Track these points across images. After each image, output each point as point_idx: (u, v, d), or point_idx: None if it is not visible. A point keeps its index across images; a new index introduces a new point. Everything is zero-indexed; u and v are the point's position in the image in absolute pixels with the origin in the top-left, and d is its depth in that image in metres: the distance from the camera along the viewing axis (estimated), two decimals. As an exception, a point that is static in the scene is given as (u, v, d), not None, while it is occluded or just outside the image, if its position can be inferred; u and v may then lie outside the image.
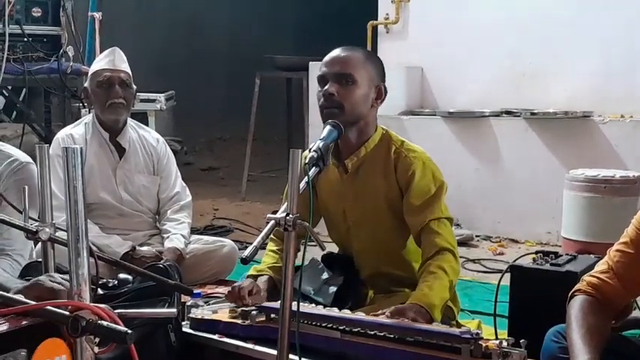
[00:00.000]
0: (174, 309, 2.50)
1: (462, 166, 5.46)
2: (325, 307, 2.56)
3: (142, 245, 3.76)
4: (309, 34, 10.16)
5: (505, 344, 2.15)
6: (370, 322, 2.35)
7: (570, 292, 2.15)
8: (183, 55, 9.50)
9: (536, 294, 2.56)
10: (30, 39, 5.32)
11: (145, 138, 3.92)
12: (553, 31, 5.60)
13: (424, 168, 2.72)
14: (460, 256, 2.83)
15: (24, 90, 5.77)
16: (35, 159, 2.36)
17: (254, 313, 2.52)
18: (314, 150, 2.33)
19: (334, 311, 2.46)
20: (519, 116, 5.43)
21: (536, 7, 5.66)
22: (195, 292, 2.91)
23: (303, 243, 2.10)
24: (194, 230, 4.35)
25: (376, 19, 6.35)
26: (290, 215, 1.98)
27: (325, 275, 2.84)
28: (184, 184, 4.03)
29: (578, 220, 4.46)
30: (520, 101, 5.63)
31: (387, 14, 6.30)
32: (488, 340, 2.22)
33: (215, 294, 3.59)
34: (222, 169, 8.71)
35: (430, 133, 5.54)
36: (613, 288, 2.10)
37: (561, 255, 2.76)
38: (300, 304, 2.08)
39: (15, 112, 6.73)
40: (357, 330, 2.34)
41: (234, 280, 3.72)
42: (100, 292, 2.57)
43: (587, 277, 2.15)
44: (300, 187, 2.08)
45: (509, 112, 5.55)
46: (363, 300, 2.81)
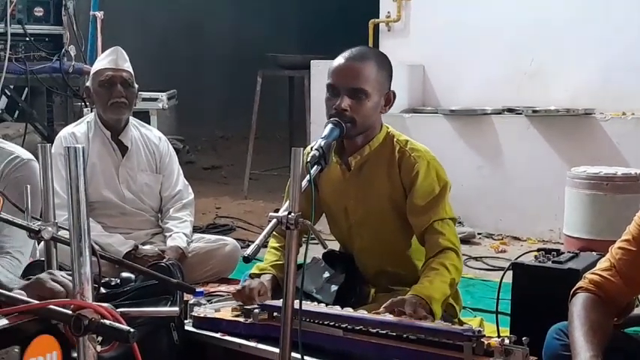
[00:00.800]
0: (176, 307, 2.51)
1: (464, 164, 5.45)
2: (327, 305, 2.56)
3: (144, 244, 3.77)
4: (311, 32, 10.15)
5: (507, 342, 2.15)
6: (372, 320, 2.35)
7: (572, 290, 2.15)
8: (185, 54, 9.50)
9: (539, 291, 2.56)
10: (32, 38, 5.32)
11: (148, 136, 3.92)
12: (555, 29, 5.59)
13: (428, 168, 2.71)
14: (462, 254, 2.82)
15: (26, 89, 5.79)
16: (38, 158, 2.36)
17: (256, 311, 2.52)
18: (316, 148, 2.33)
19: (336, 309, 2.46)
20: (521, 114, 5.42)
21: (538, 4, 5.64)
22: (198, 290, 2.91)
23: (305, 241, 2.10)
24: (196, 229, 4.36)
25: (378, 17, 6.35)
26: (292, 214, 1.99)
27: (327, 274, 2.84)
28: (187, 182, 4.03)
29: (580, 218, 4.46)
30: (522, 99, 5.62)
31: (388, 12, 6.29)
32: (490, 338, 2.22)
33: (217, 292, 3.59)
34: (225, 167, 8.70)
35: (432, 131, 5.53)
36: (615, 285, 2.11)
37: (563, 252, 2.76)
38: (303, 302, 2.08)
39: (17, 112, 6.73)
40: (359, 328, 2.34)
41: (236, 279, 3.73)
42: (103, 291, 2.57)
43: (589, 275, 2.15)
44: (302, 185, 2.08)
45: (510, 110, 5.54)
46: (365, 298, 2.80)
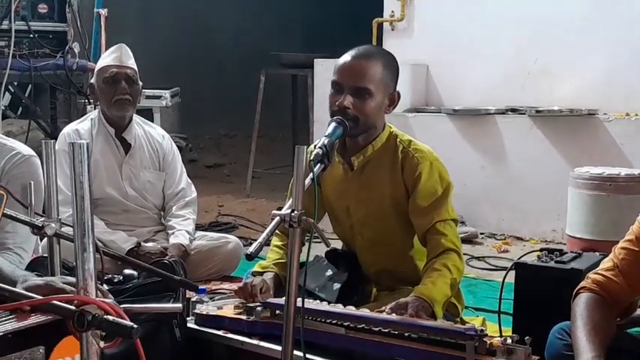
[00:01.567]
0: (179, 304, 2.51)
1: (467, 164, 5.45)
2: (329, 303, 2.56)
3: (146, 241, 3.77)
4: (314, 31, 10.15)
5: (509, 341, 2.15)
6: (375, 318, 2.36)
7: (575, 290, 2.15)
8: (188, 52, 9.50)
9: (541, 291, 2.56)
10: (36, 35, 5.32)
11: (151, 134, 3.92)
12: (558, 29, 5.58)
13: (431, 168, 2.71)
14: (464, 254, 2.82)
15: (30, 86, 5.78)
16: (41, 155, 2.36)
17: (259, 309, 2.52)
18: (319, 147, 2.33)
19: (339, 308, 2.46)
20: (524, 114, 5.42)
21: (542, 4, 5.64)
22: (200, 288, 2.91)
23: (307, 239, 2.10)
24: (199, 227, 4.36)
25: (381, 16, 6.34)
26: (295, 212, 1.98)
27: (329, 272, 2.84)
28: (189, 180, 4.04)
29: (582, 218, 4.45)
30: (525, 99, 5.61)
31: (392, 12, 6.28)
32: (492, 337, 2.22)
33: (220, 290, 3.60)
34: (227, 165, 8.70)
35: (435, 130, 5.53)
36: (618, 285, 2.11)
37: (566, 252, 2.76)
38: (305, 300, 2.08)
39: (21, 108, 6.73)
40: (361, 326, 2.35)
41: (238, 277, 3.73)
42: (106, 287, 2.57)
43: (592, 275, 2.15)
44: (305, 183, 2.08)
45: (514, 110, 5.54)
46: (367, 297, 2.80)
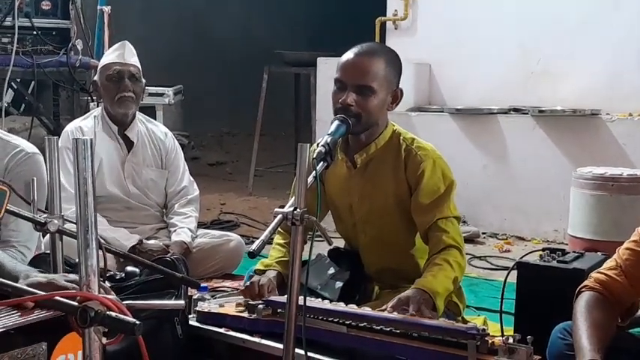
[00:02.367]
0: (182, 301, 2.51)
1: (469, 163, 5.45)
2: (331, 302, 2.56)
3: (149, 239, 3.77)
4: (317, 29, 10.15)
5: (511, 340, 2.15)
6: (376, 316, 2.36)
7: (578, 289, 2.15)
8: (191, 50, 9.50)
9: (543, 291, 2.56)
10: (39, 32, 5.32)
11: (154, 132, 3.93)
12: (561, 29, 5.58)
13: (434, 166, 2.71)
14: (466, 253, 2.82)
15: (33, 83, 5.78)
16: (44, 151, 2.36)
17: (261, 307, 2.52)
18: (322, 145, 2.34)
19: (341, 306, 2.46)
20: (527, 114, 5.42)
21: (545, 4, 5.63)
22: (202, 285, 2.92)
23: (309, 238, 2.10)
24: (201, 224, 4.36)
25: (385, 15, 6.34)
26: (297, 209, 1.98)
27: (332, 270, 2.84)
28: (192, 178, 4.04)
29: (585, 218, 4.45)
30: (528, 99, 5.61)
31: (395, 10, 6.28)
32: (494, 337, 2.22)
33: (222, 288, 3.60)
34: (230, 163, 8.71)
35: (438, 129, 5.53)
36: (620, 285, 2.11)
37: (568, 252, 2.76)
38: (307, 298, 2.08)
39: (23, 105, 6.74)
40: (363, 325, 2.35)
41: (240, 275, 3.73)
42: (108, 284, 2.58)
43: (594, 274, 2.16)
44: (308, 181, 2.08)
45: (517, 110, 5.53)
46: (369, 295, 2.81)
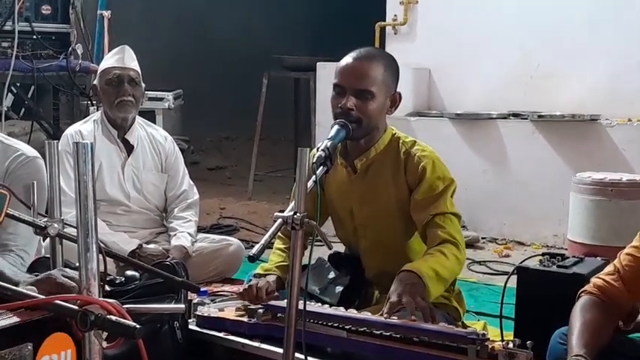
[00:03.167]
0: (181, 305, 2.51)
1: (469, 168, 5.45)
2: (331, 306, 2.56)
3: (148, 243, 3.77)
4: (317, 34, 10.15)
5: (511, 345, 2.15)
6: (376, 321, 2.35)
7: (577, 294, 2.16)
8: (191, 55, 9.51)
9: (543, 296, 2.56)
10: (39, 36, 5.32)
11: (153, 136, 3.93)
12: (561, 34, 5.59)
13: (434, 166, 2.71)
14: (466, 258, 2.81)
15: (32, 87, 5.78)
16: (44, 155, 2.35)
17: (260, 311, 2.52)
18: (322, 149, 2.34)
19: (341, 310, 2.46)
20: (527, 119, 5.42)
21: (544, 10, 5.65)
22: (202, 290, 2.92)
23: (310, 242, 2.10)
24: (200, 229, 4.36)
25: (384, 20, 6.35)
26: (297, 214, 1.99)
27: (332, 275, 2.84)
28: (192, 182, 4.04)
29: (584, 223, 4.45)
30: (527, 104, 5.61)
31: (395, 15, 6.28)
32: (494, 342, 2.22)
33: (221, 292, 3.60)
34: (229, 168, 8.71)
35: (437, 134, 5.52)
36: (617, 290, 2.11)
37: (568, 257, 2.76)
38: (307, 302, 2.08)
39: (23, 110, 6.73)
40: (363, 329, 2.35)
41: (240, 279, 3.73)
42: (107, 288, 2.58)
43: (593, 279, 2.16)
44: (308, 186, 2.08)
45: (516, 115, 5.54)
46: (369, 300, 2.80)
